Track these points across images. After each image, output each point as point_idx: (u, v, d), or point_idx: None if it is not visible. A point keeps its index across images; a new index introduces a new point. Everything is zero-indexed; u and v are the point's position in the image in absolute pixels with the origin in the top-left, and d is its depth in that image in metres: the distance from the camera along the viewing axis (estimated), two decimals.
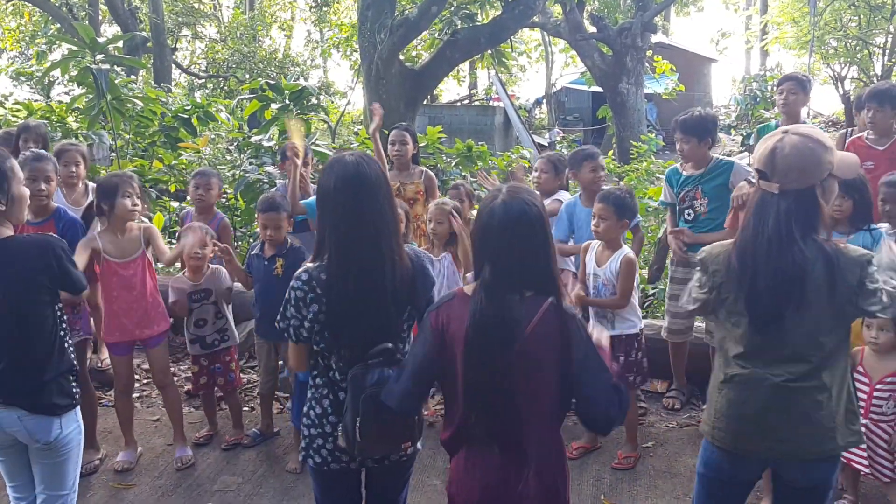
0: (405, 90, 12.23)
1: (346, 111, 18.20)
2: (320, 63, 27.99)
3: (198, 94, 19.63)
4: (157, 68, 18.52)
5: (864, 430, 3.13)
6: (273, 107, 7.17)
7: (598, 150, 4.56)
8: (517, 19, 13.04)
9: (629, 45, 14.48)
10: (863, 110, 4.34)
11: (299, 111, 7.16)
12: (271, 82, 7.52)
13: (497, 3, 13.63)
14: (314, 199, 3.00)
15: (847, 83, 19.04)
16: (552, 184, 4.65)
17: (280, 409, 4.58)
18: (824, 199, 2.14)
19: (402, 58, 12.80)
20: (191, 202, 4.93)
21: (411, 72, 12.70)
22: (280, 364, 4.15)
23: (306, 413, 2.37)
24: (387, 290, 2.21)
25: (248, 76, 20.03)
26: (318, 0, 24.03)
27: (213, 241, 3.95)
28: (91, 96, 6.76)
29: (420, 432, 2.31)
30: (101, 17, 20.50)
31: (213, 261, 4.13)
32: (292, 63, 23.35)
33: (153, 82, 16.75)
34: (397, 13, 12.19)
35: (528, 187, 2.18)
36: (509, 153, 9.63)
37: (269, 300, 3.70)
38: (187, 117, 7.57)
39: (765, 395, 2.16)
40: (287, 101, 7.05)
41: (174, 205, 7.19)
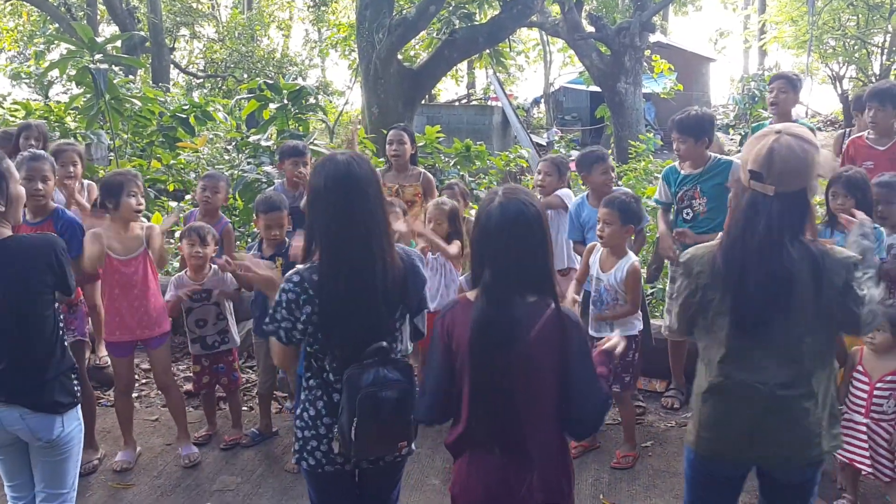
0: (403, 90, 12.22)
1: (344, 111, 18.20)
2: (318, 63, 27.97)
3: (196, 93, 19.56)
4: (155, 68, 18.49)
5: (865, 429, 3.15)
6: (271, 106, 7.17)
7: (606, 152, 4.55)
8: (515, 19, 13.03)
9: (627, 45, 14.47)
10: (862, 110, 4.33)
11: (297, 111, 7.16)
12: (269, 82, 7.53)
13: (495, 2, 13.62)
14: None
15: (845, 82, 19.10)
16: (555, 186, 4.65)
17: (279, 408, 4.58)
18: (809, 198, 2.14)
19: (400, 57, 12.78)
20: (191, 203, 4.92)
21: (409, 71, 12.70)
22: None
23: (299, 415, 2.33)
24: (378, 290, 2.19)
25: (246, 76, 20.00)
26: (316, 0, 24.01)
27: (228, 261, 3.67)
28: (89, 96, 6.77)
29: (416, 432, 2.30)
30: (99, 17, 20.42)
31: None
32: (290, 63, 23.31)
33: (151, 82, 16.76)
34: (395, 13, 12.18)
35: (525, 188, 2.19)
36: (507, 153, 9.65)
37: (268, 300, 3.67)
38: (185, 117, 7.58)
39: (751, 407, 2.15)
40: (285, 101, 7.05)
41: (172, 204, 7.19)
